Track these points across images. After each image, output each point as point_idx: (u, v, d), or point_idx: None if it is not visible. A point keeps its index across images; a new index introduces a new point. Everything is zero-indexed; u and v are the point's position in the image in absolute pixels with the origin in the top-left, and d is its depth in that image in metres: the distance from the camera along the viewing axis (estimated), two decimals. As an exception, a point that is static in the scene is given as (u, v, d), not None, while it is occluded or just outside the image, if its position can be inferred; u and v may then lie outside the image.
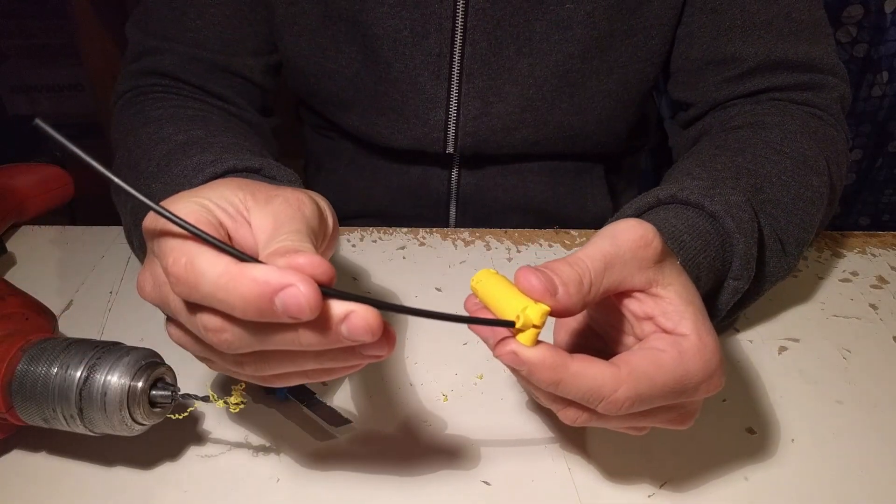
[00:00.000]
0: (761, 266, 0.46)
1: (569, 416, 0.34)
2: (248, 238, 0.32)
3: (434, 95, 0.61)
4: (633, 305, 0.35)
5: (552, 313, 0.31)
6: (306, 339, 0.28)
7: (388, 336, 0.29)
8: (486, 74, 0.60)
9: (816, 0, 0.58)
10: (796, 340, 0.52)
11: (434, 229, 0.63)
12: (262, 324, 0.28)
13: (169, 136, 0.49)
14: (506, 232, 0.63)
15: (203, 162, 0.43)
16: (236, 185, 0.33)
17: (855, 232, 0.65)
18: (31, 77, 1.46)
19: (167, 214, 0.28)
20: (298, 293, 0.26)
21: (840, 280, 0.59)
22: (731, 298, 0.44)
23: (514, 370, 0.33)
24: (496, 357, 0.32)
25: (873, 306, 0.56)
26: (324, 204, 0.36)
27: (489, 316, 0.33)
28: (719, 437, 0.43)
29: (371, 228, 0.63)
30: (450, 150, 0.64)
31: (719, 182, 0.45)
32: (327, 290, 0.28)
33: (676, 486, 0.40)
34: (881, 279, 0.59)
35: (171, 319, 0.33)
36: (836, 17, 0.98)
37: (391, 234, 0.62)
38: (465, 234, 0.63)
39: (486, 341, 0.34)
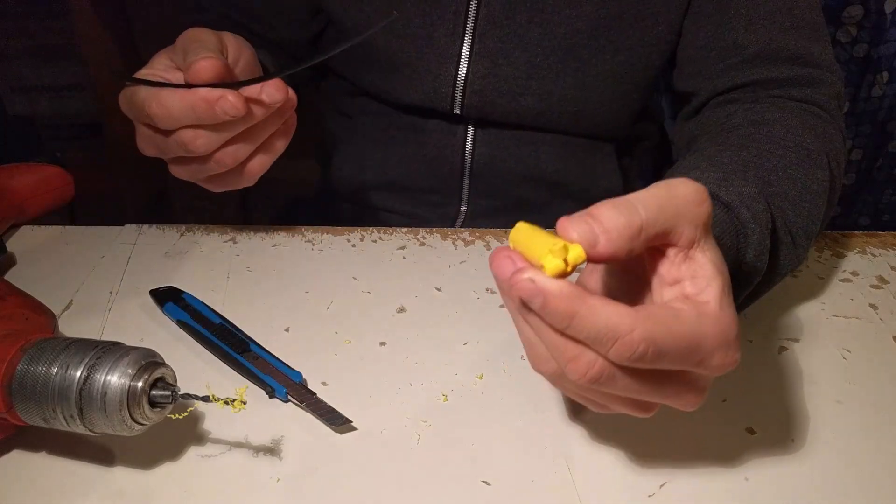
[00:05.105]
0: (774, 258, 0.46)
1: (579, 367, 0.31)
2: (181, 77, 0.47)
3: (447, 51, 0.64)
4: (663, 267, 0.34)
5: (594, 259, 0.30)
6: (252, 115, 0.47)
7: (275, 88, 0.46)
8: (496, 36, 0.62)
9: (816, 5, 0.60)
10: (796, 340, 0.52)
11: (434, 229, 0.63)
12: (217, 125, 0.46)
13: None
14: (506, 232, 0.63)
15: None
16: (164, 51, 0.50)
17: (855, 232, 0.65)
18: (31, 77, 1.46)
19: (132, 80, 0.47)
20: (227, 101, 0.44)
21: (840, 280, 0.59)
22: (744, 290, 0.44)
23: (524, 308, 0.31)
24: (510, 291, 0.30)
25: (873, 306, 0.56)
26: (229, 36, 0.51)
27: (524, 263, 0.30)
28: (719, 437, 0.43)
29: (371, 228, 0.63)
30: (457, 110, 0.66)
31: (730, 174, 0.46)
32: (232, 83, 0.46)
33: (676, 486, 0.40)
34: (881, 279, 0.59)
35: (171, 162, 0.50)
36: (836, 17, 0.97)
37: (391, 234, 0.62)
38: (465, 234, 0.63)
39: (501, 281, 0.32)
